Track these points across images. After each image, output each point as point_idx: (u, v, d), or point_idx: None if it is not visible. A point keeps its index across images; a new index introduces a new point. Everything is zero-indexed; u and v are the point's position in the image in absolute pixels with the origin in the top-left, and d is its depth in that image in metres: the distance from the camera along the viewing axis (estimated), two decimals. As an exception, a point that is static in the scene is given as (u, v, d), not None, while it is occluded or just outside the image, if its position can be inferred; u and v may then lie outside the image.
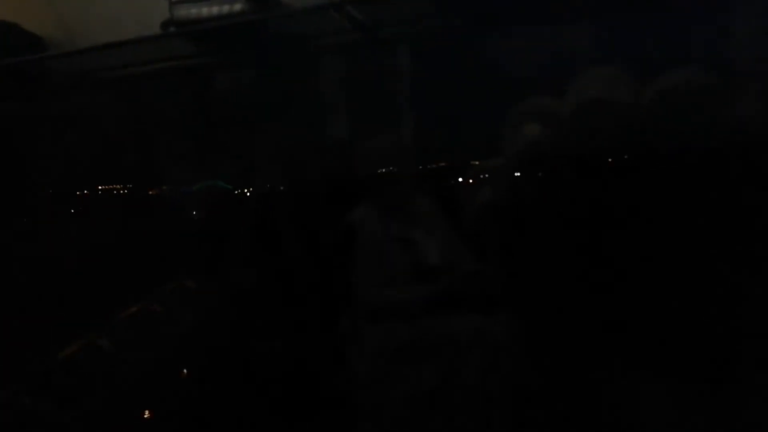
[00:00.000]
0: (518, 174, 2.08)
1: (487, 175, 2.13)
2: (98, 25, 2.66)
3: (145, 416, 2.06)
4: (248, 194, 2.57)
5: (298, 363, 2.21)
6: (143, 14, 2.56)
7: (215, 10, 2.40)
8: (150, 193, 2.58)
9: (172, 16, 2.45)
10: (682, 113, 1.83)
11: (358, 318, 2.10)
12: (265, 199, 2.60)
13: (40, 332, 2.16)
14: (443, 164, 2.43)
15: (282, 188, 2.58)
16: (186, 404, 2.15)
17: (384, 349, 2.01)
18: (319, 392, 2.12)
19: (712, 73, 1.82)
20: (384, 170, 2.20)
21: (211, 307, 2.36)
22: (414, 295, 2.05)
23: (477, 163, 2.21)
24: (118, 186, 2.66)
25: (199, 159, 2.67)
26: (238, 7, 2.41)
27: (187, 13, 2.42)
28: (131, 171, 2.71)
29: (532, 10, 2.37)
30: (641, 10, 2.14)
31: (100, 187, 2.64)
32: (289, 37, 2.58)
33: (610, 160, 1.98)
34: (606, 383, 1.90)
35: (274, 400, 2.15)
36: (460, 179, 2.25)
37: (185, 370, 2.19)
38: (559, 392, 1.92)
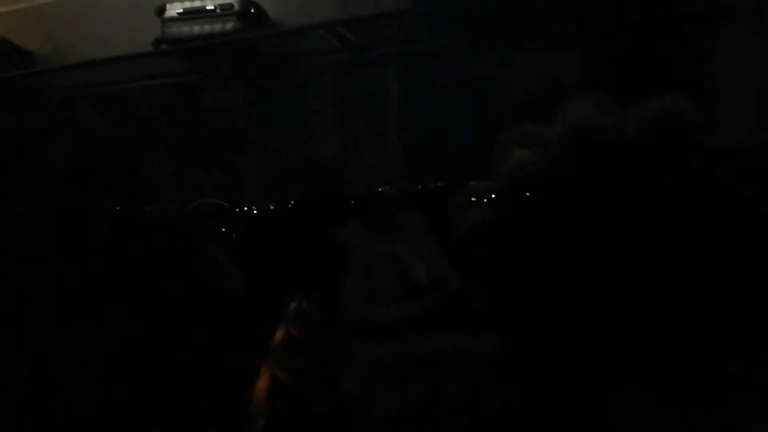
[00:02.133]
0: (507, 196, 2.10)
1: (475, 197, 2.15)
2: (90, 41, 2.67)
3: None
4: (243, 211, 2.57)
5: (283, 380, 2.20)
6: (135, 32, 2.57)
7: (207, 28, 2.43)
8: (146, 210, 2.56)
9: (163, 33, 2.47)
10: (667, 138, 1.87)
11: (345, 334, 2.09)
12: (253, 216, 2.61)
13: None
14: (431, 183, 2.45)
15: (271, 205, 2.59)
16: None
17: (370, 365, 2.00)
18: (305, 408, 2.10)
19: (695, 100, 1.87)
20: (372, 188, 2.21)
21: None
22: (401, 313, 2.05)
23: (466, 184, 2.24)
24: (112, 203, 2.64)
25: (189, 176, 2.68)
26: (229, 26, 2.44)
27: (179, 31, 2.44)
28: (122, 187, 2.70)
29: (520, 36, 2.42)
30: (627, 37, 2.20)
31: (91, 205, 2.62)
32: (280, 57, 2.62)
33: (596, 183, 2.01)
34: (593, 403, 1.91)
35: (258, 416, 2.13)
36: (449, 200, 2.26)
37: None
38: (544, 412, 1.92)
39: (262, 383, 1.85)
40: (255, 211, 2.57)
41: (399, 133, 2.62)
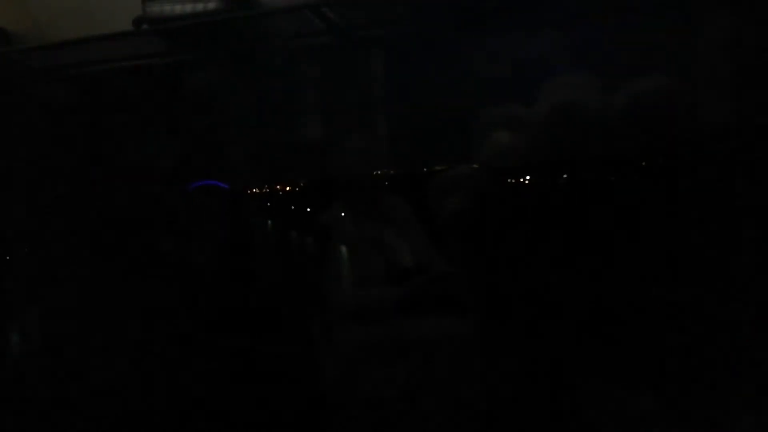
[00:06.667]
0: (489, 180, 2.09)
1: (454, 183, 2.14)
2: (68, 20, 2.61)
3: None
4: (243, 194, 2.55)
5: (269, 363, 2.20)
6: (115, 10, 2.52)
7: (189, 7, 2.38)
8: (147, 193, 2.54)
9: (144, 12, 2.43)
10: (653, 118, 1.86)
11: (330, 319, 2.09)
12: (237, 198, 2.59)
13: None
14: (416, 167, 2.44)
15: (254, 188, 2.57)
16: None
17: (355, 349, 2.01)
18: (291, 392, 2.10)
19: (681, 79, 1.86)
20: (357, 172, 2.20)
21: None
22: (385, 296, 2.05)
23: (448, 167, 2.22)
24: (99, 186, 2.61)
25: (166, 159, 2.65)
26: (212, 5, 2.39)
27: (160, 10, 2.40)
28: (107, 170, 2.67)
29: (507, 16, 2.40)
30: (612, 16, 2.18)
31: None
32: (264, 37, 2.58)
33: (580, 165, 2.00)
34: (574, 385, 1.92)
35: (244, 400, 2.14)
36: (432, 184, 2.25)
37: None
38: (527, 395, 1.93)
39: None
40: (232, 194, 2.56)
41: (385, 116, 2.60)
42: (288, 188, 2.50)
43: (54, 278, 2.49)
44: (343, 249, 2.12)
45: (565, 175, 2.02)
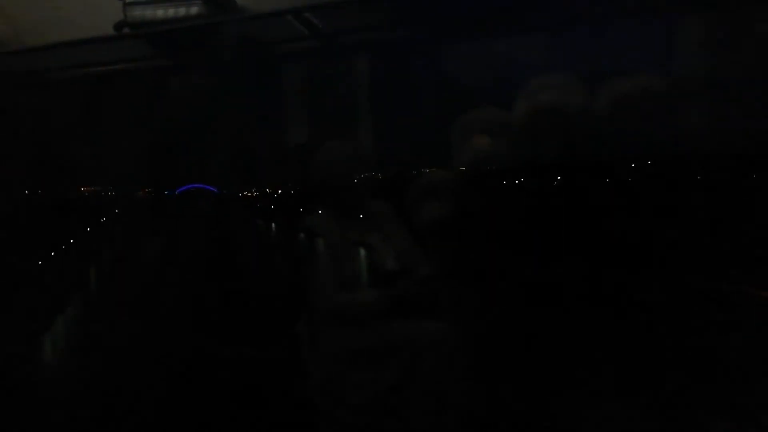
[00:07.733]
0: (468, 185, 2.09)
1: (433, 188, 2.14)
2: (50, 24, 2.60)
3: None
4: (232, 197, 2.53)
5: (256, 366, 2.19)
6: (96, 15, 2.51)
7: (170, 12, 2.37)
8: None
9: (125, 17, 2.42)
10: (635, 119, 1.87)
11: (316, 322, 2.09)
12: (221, 203, 2.58)
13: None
14: (400, 171, 2.45)
15: (238, 192, 2.57)
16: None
17: (341, 352, 2.00)
18: (278, 395, 2.09)
19: (662, 81, 1.87)
20: (341, 176, 2.20)
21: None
22: (371, 300, 2.05)
23: (428, 171, 2.23)
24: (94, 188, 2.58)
25: (146, 163, 2.63)
26: (194, 10, 2.39)
27: (142, 14, 2.39)
28: (79, 173, 2.65)
29: (489, 22, 2.42)
30: (592, 21, 2.21)
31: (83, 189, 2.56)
32: (246, 42, 2.58)
33: (563, 170, 2.01)
34: (554, 386, 1.93)
35: (233, 403, 2.12)
36: (416, 187, 2.26)
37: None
38: (510, 395, 1.94)
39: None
40: (217, 198, 2.55)
41: (368, 121, 2.61)
42: (274, 192, 2.50)
43: (43, 282, 2.46)
44: (329, 252, 2.12)
45: (546, 179, 2.04)
